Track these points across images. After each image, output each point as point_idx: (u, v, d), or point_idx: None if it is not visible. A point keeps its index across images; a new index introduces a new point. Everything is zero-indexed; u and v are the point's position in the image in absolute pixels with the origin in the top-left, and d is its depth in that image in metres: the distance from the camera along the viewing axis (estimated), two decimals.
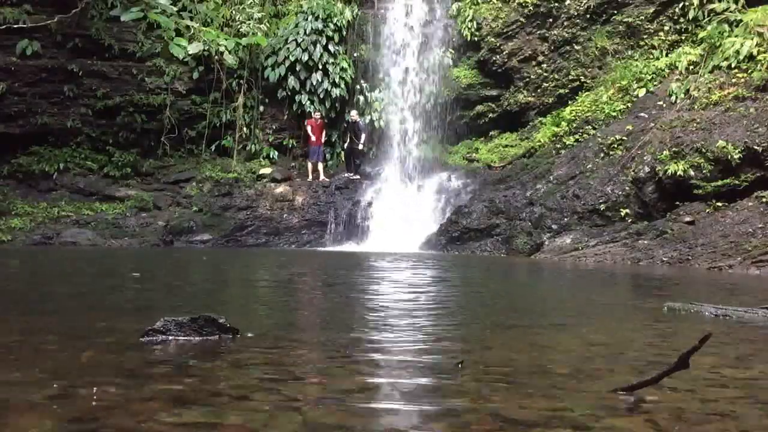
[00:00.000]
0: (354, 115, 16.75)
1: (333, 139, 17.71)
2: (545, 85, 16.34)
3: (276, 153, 17.43)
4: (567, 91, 16.15)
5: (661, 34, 15.18)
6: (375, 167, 17.21)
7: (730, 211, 10.67)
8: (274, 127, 17.75)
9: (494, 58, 16.52)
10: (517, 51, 16.33)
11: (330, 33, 17.04)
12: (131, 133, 16.86)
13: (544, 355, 2.70)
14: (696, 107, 12.49)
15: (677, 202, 11.44)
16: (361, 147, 16.67)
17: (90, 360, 2.41)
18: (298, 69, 16.93)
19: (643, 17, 15.33)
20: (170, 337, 2.79)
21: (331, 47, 17.05)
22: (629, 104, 14.23)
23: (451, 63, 17.13)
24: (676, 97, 13.13)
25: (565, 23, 15.96)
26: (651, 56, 15.11)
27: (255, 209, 15.50)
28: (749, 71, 12.29)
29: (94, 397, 1.84)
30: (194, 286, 6.10)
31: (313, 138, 16.73)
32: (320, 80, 16.95)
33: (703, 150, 11.38)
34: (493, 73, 16.75)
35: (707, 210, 10.97)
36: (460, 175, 16.07)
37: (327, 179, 16.61)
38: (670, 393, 2.02)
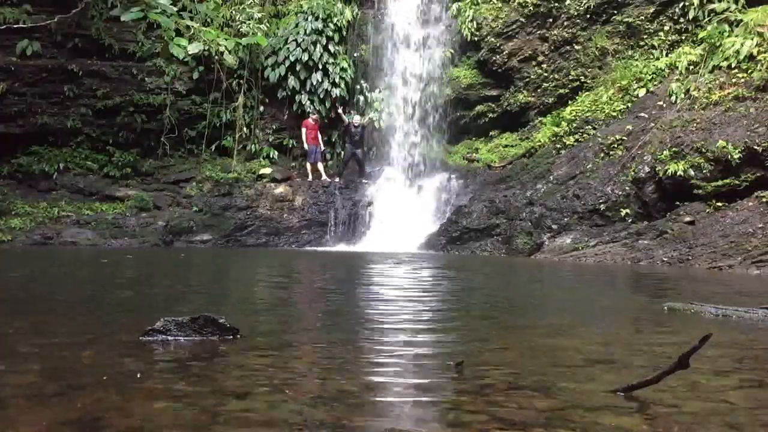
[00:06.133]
0: (358, 119, 16.71)
1: (333, 140, 17.70)
2: (545, 85, 16.34)
3: (276, 153, 17.42)
4: (567, 91, 16.15)
5: (661, 34, 15.17)
6: (375, 167, 17.20)
7: (730, 211, 10.67)
8: (274, 127, 17.74)
9: (494, 58, 16.52)
10: (517, 51, 16.33)
11: (330, 33, 17.04)
12: (131, 133, 16.86)
13: (543, 356, 2.70)
14: (696, 107, 12.49)
15: (677, 202, 11.43)
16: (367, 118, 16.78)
17: (90, 360, 2.41)
18: (298, 69, 16.93)
19: (643, 17, 15.32)
20: (170, 337, 2.79)
21: (331, 47, 17.05)
22: (629, 104, 14.23)
23: (451, 63, 17.14)
24: (676, 97, 13.13)
25: (565, 23, 15.97)
26: (651, 56, 15.11)
27: (255, 209, 15.51)
28: (749, 71, 12.28)
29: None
30: (194, 286, 6.10)
31: (309, 139, 16.69)
32: (320, 80, 16.95)
33: (703, 150, 11.37)
34: (493, 73, 16.74)
35: (707, 210, 10.96)
36: (460, 175, 16.06)
37: (328, 179, 16.59)
38: (670, 393, 2.03)
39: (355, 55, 17.71)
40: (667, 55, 14.72)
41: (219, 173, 16.43)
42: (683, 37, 14.84)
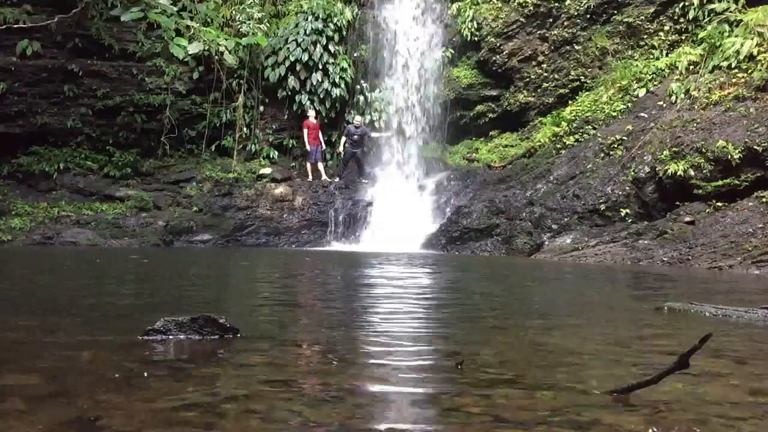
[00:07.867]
0: (359, 120, 16.70)
1: (333, 140, 17.70)
2: (545, 85, 16.35)
3: (276, 153, 17.43)
4: (567, 91, 16.16)
5: (661, 34, 15.18)
6: (375, 167, 17.21)
7: (730, 211, 10.67)
8: (274, 127, 17.74)
9: (494, 58, 16.52)
10: (517, 51, 16.34)
11: (330, 33, 17.04)
12: (131, 133, 16.86)
13: (543, 355, 2.70)
14: (696, 107, 12.50)
15: (677, 202, 11.44)
16: (383, 135, 16.80)
17: (90, 360, 2.41)
18: (298, 69, 16.93)
19: (643, 17, 15.33)
20: (170, 337, 2.79)
21: (331, 47, 17.05)
22: (629, 104, 14.23)
23: (450, 63, 17.13)
24: (676, 97, 13.14)
25: (565, 23, 15.97)
26: (651, 56, 15.12)
27: (255, 209, 15.50)
28: (749, 71, 12.29)
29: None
30: (195, 286, 6.10)
31: (310, 139, 16.69)
32: (320, 80, 16.95)
33: (703, 150, 11.38)
34: (493, 73, 16.75)
35: (707, 210, 10.96)
36: (460, 175, 16.06)
37: (328, 179, 16.59)
38: (670, 393, 2.03)
39: (355, 55, 17.71)
40: (667, 55, 14.73)
41: (219, 173, 16.44)
42: (683, 37, 14.85)
